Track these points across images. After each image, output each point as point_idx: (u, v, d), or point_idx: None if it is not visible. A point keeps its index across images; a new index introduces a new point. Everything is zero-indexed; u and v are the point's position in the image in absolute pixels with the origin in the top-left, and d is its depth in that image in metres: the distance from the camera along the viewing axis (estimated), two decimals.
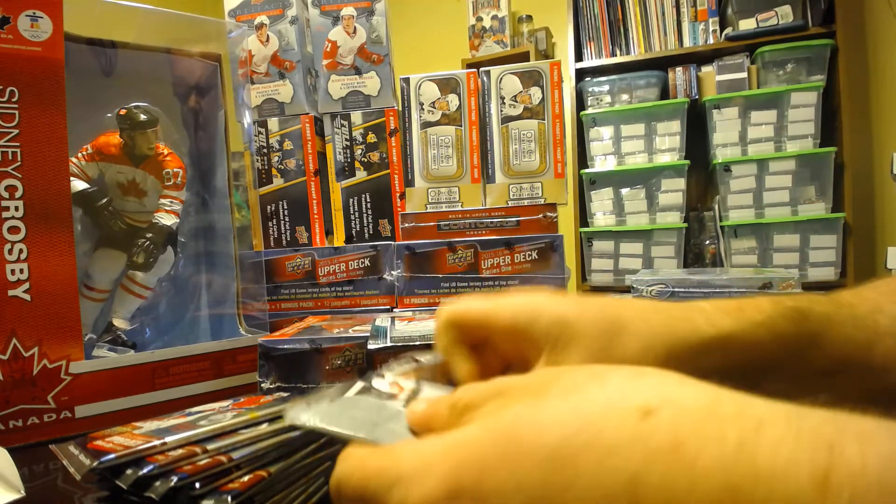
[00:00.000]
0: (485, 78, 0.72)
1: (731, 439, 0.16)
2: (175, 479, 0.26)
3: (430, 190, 0.72)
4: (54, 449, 0.32)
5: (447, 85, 0.72)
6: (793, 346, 0.29)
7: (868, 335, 0.29)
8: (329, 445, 0.34)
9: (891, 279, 0.34)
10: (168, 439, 0.29)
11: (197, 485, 0.26)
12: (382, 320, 0.57)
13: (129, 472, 0.27)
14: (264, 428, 0.31)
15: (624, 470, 0.16)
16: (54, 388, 0.48)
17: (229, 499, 0.26)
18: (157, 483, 0.26)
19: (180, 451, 0.28)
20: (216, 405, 0.36)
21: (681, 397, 0.17)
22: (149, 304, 0.64)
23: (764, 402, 0.17)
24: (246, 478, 0.28)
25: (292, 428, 0.23)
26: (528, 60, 2.48)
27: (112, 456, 0.27)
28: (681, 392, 0.17)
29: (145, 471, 0.26)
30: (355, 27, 0.76)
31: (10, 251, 0.47)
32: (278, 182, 0.76)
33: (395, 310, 0.69)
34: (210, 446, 0.28)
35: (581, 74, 2.28)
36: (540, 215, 0.68)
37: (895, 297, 0.31)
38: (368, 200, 0.76)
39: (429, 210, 0.72)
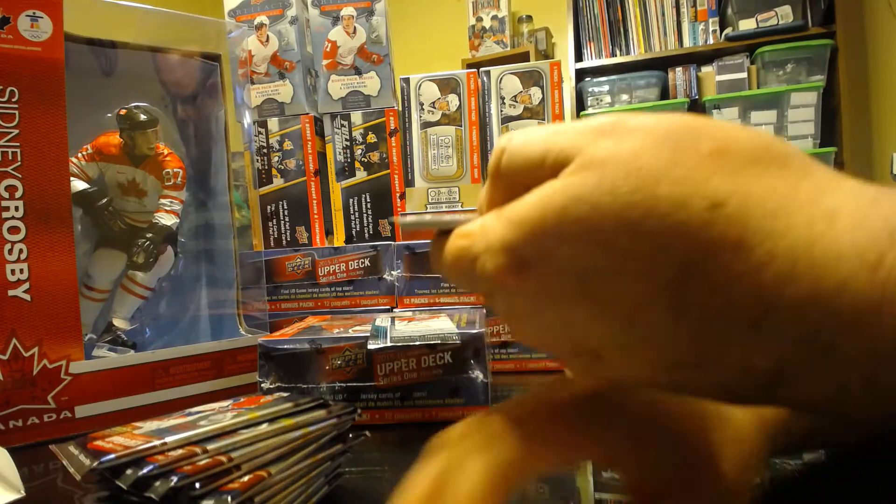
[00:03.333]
0: (485, 78, 0.72)
1: (792, 234, 0.15)
2: (175, 479, 0.26)
3: (430, 190, 0.72)
4: (54, 449, 0.32)
5: (447, 85, 0.72)
6: None
7: None
8: (329, 446, 0.34)
9: None
10: (168, 439, 0.29)
11: (197, 485, 0.26)
12: (382, 320, 0.57)
13: (128, 472, 0.27)
14: (264, 428, 0.31)
15: (679, 258, 0.16)
16: (54, 388, 0.48)
17: (229, 499, 0.26)
18: (157, 483, 0.26)
19: (180, 451, 0.28)
20: (216, 405, 0.36)
21: (754, 189, 0.16)
22: (149, 304, 0.64)
23: (845, 186, 0.17)
24: (246, 478, 0.28)
25: (294, 429, 0.24)
26: (528, 60, 2.49)
27: (112, 456, 0.27)
28: (754, 185, 0.17)
29: (145, 471, 0.26)
30: (355, 27, 0.76)
31: (10, 251, 0.47)
32: (278, 182, 0.76)
33: (395, 310, 0.69)
34: (210, 446, 0.28)
35: (581, 74, 2.28)
36: None
37: None
38: (368, 200, 0.76)
39: (429, 210, 0.72)
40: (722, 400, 0.20)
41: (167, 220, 0.62)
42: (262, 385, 0.51)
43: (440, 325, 0.53)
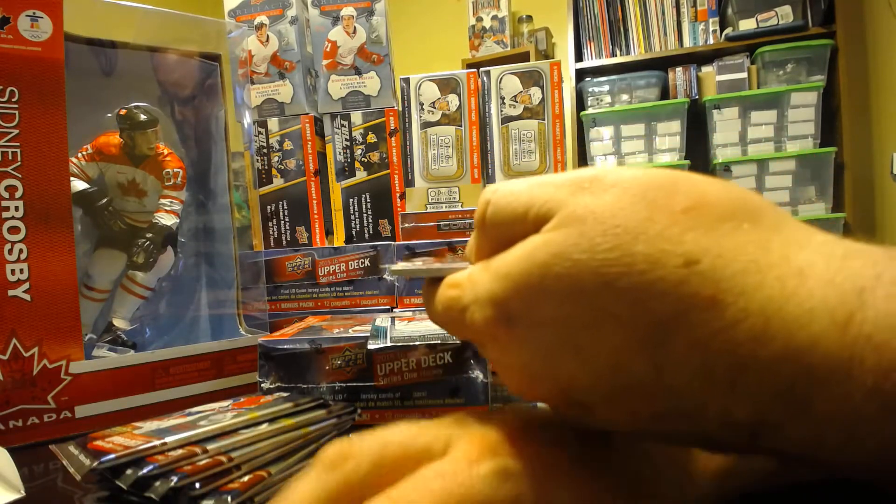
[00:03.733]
0: (485, 78, 0.72)
1: (765, 292, 0.16)
2: (175, 479, 0.26)
3: (430, 190, 0.72)
4: (54, 449, 0.32)
5: (447, 85, 0.72)
6: None
7: None
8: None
9: None
10: (168, 439, 0.29)
11: (197, 485, 0.26)
12: (382, 320, 0.57)
13: (128, 472, 0.27)
14: (264, 428, 0.31)
15: (656, 316, 0.17)
16: (54, 388, 0.48)
17: (229, 499, 0.26)
18: (157, 483, 0.26)
19: (180, 452, 0.28)
20: (216, 405, 0.36)
21: (727, 246, 0.17)
22: (149, 304, 0.64)
23: (816, 241, 0.17)
24: (246, 478, 0.28)
25: (294, 429, 0.24)
26: (528, 60, 2.49)
27: (112, 456, 0.27)
28: (727, 242, 0.17)
29: (145, 471, 0.26)
30: (355, 27, 0.76)
31: (10, 251, 0.47)
32: (278, 182, 0.76)
33: (395, 310, 0.69)
34: (210, 446, 0.28)
35: (581, 74, 2.28)
36: None
37: None
38: (368, 200, 0.76)
39: (429, 210, 0.72)
40: (706, 449, 0.21)
41: (167, 220, 0.62)
42: (262, 385, 0.51)
43: None
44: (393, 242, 0.71)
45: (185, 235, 0.67)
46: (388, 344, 0.50)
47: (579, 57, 2.28)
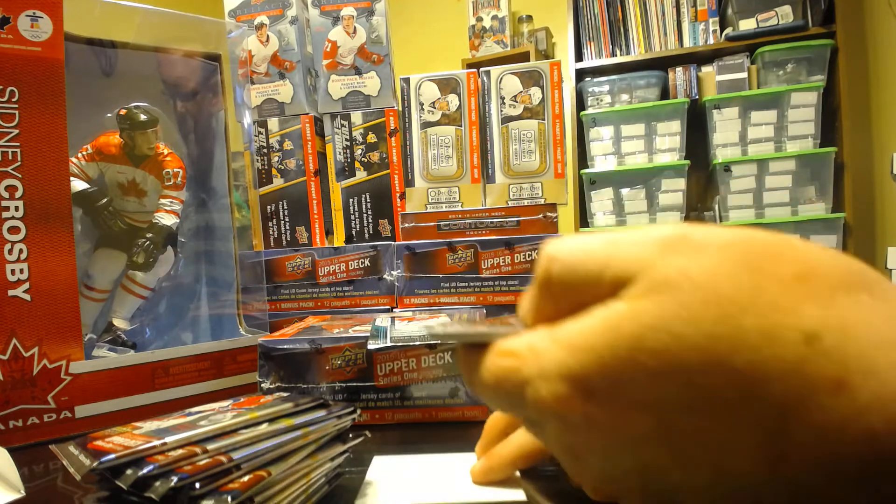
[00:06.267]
0: (485, 78, 0.72)
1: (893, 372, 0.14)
2: (175, 479, 0.26)
3: (430, 190, 0.72)
4: (54, 449, 0.32)
5: (447, 85, 0.72)
6: None
7: None
8: (329, 446, 0.34)
9: None
10: (168, 439, 0.29)
11: (197, 485, 0.26)
12: (382, 320, 0.57)
13: (128, 472, 0.27)
14: (264, 428, 0.31)
15: (774, 401, 0.15)
16: (54, 388, 0.48)
17: (229, 499, 0.26)
18: (157, 483, 0.26)
19: (180, 452, 0.28)
20: (216, 405, 0.36)
21: (849, 319, 0.15)
22: (149, 304, 0.64)
23: None
24: (246, 478, 0.28)
25: (294, 429, 0.23)
26: (528, 60, 2.49)
27: (112, 456, 0.27)
28: (849, 315, 0.15)
29: (145, 471, 0.26)
30: (355, 27, 0.76)
31: (10, 251, 0.47)
32: (278, 182, 0.76)
33: (395, 310, 0.69)
34: (210, 446, 0.28)
35: (581, 74, 2.28)
36: (540, 215, 0.68)
37: None
38: (368, 200, 0.76)
39: (429, 210, 0.72)
40: None
41: (167, 220, 0.62)
42: (262, 385, 0.51)
43: None
44: (393, 242, 0.71)
45: (185, 235, 0.67)
46: (388, 344, 0.50)
47: (579, 57, 2.28)
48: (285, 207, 0.76)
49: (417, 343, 0.50)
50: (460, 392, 0.50)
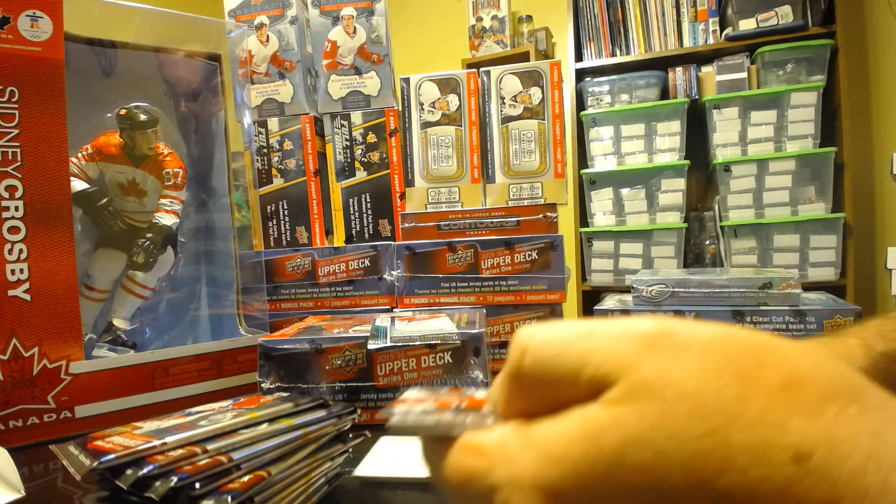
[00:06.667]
0: (485, 78, 0.72)
1: (890, 496, 0.13)
2: (175, 479, 0.26)
3: (430, 190, 0.72)
4: (54, 449, 0.32)
5: (447, 85, 0.72)
6: None
7: None
8: (329, 446, 0.34)
9: None
10: (168, 439, 0.29)
11: (197, 485, 0.26)
12: (382, 320, 0.57)
13: (128, 472, 0.27)
14: (264, 428, 0.31)
15: None
16: (54, 388, 0.48)
17: (229, 499, 0.26)
18: (157, 483, 0.26)
19: (180, 452, 0.28)
20: (216, 405, 0.36)
21: (839, 438, 0.14)
22: (149, 304, 0.64)
23: None
24: (246, 478, 0.28)
25: (294, 429, 0.23)
26: (528, 60, 2.49)
27: (112, 456, 0.27)
28: (837, 430, 0.14)
29: (145, 471, 0.26)
30: (355, 27, 0.76)
31: (10, 251, 0.47)
32: (278, 182, 0.76)
33: (395, 310, 0.69)
34: (210, 446, 0.28)
35: (581, 74, 2.28)
36: (540, 215, 0.68)
37: None
38: (368, 200, 0.76)
39: (429, 210, 0.72)
40: None
41: (167, 220, 0.62)
42: (262, 385, 0.51)
43: (440, 325, 0.53)
44: (393, 242, 0.71)
45: (185, 235, 0.67)
46: (388, 344, 0.50)
47: (579, 57, 2.27)
48: (285, 207, 0.76)
49: (417, 343, 0.50)
50: None
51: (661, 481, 0.15)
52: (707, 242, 2.15)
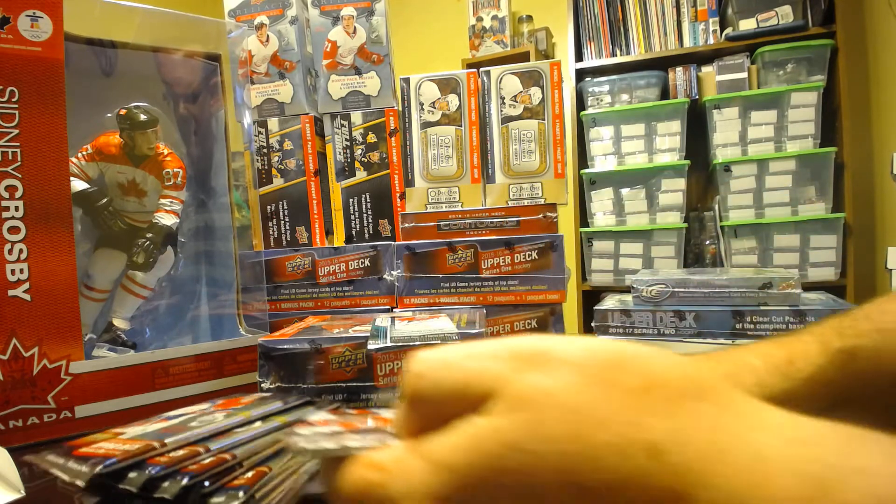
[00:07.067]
0: (485, 78, 0.72)
1: (730, 483, 0.15)
2: (185, 478, 0.26)
3: (430, 190, 0.72)
4: (36, 459, 0.31)
5: (447, 85, 0.72)
6: (843, 394, 0.29)
7: None
8: None
9: None
10: (168, 440, 0.29)
11: (206, 483, 0.26)
12: (382, 320, 0.57)
13: (132, 475, 0.27)
14: (259, 426, 0.31)
15: None
16: (54, 388, 0.48)
17: (241, 494, 0.26)
18: (167, 483, 0.26)
19: (182, 452, 0.28)
20: (196, 408, 0.36)
21: (689, 430, 0.16)
22: (149, 304, 0.64)
23: (773, 422, 0.17)
24: (249, 474, 0.28)
25: (287, 426, 0.23)
26: (528, 60, 2.49)
27: (113, 460, 0.27)
28: (687, 426, 0.16)
29: (154, 472, 0.26)
30: (355, 27, 0.76)
31: (10, 251, 0.47)
32: (278, 182, 0.76)
33: (395, 310, 0.69)
34: (212, 446, 0.29)
35: (581, 74, 2.28)
36: (540, 215, 0.68)
37: None
38: (368, 200, 0.76)
39: (429, 210, 0.72)
40: None
41: (167, 220, 0.62)
42: (262, 385, 0.51)
43: (440, 325, 0.53)
44: (393, 242, 0.71)
45: (185, 235, 0.67)
46: (388, 344, 0.50)
47: (579, 57, 2.27)
48: (285, 207, 0.76)
49: (417, 343, 0.50)
50: None
51: (534, 480, 0.16)
52: (707, 242, 2.15)
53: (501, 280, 0.67)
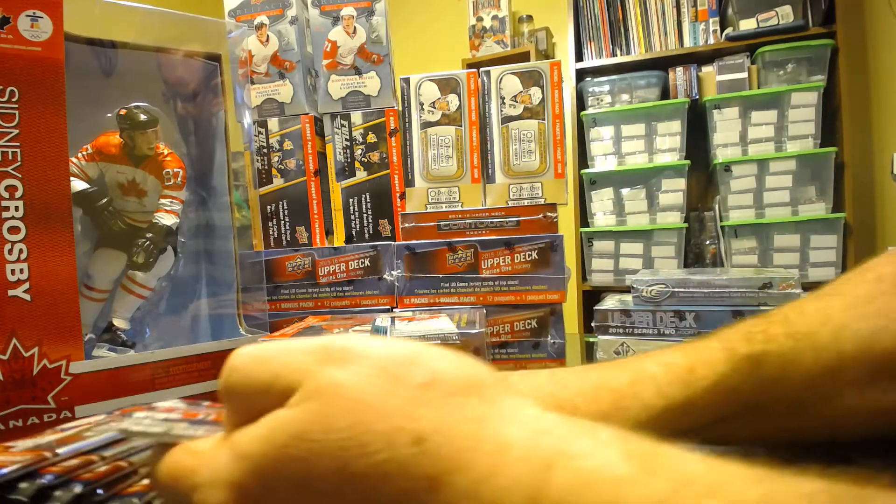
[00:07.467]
0: (485, 78, 0.72)
1: (475, 469, 0.16)
2: (79, 486, 0.26)
3: (430, 190, 0.72)
4: None
5: (447, 85, 0.72)
6: (748, 400, 0.29)
7: (830, 367, 0.28)
8: None
9: (865, 269, 0.32)
10: (60, 451, 0.28)
11: (100, 490, 0.26)
12: (382, 320, 0.57)
13: (23, 485, 0.26)
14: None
15: (389, 498, 0.16)
16: (54, 388, 0.48)
17: (136, 500, 0.26)
18: (59, 492, 0.26)
19: (76, 461, 0.28)
20: (92, 419, 0.36)
21: (450, 424, 0.17)
22: (149, 304, 0.64)
23: (526, 416, 0.18)
24: (146, 481, 0.28)
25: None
26: (529, 60, 2.49)
27: (4, 471, 0.27)
28: (451, 418, 0.17)
29: (45, 481, 0.26)
30: (355, 27, 0.76)
31: (10, 251, 0.47)
32: (278, 182, 0.76)
33: (395, 310, 0.69)
34: (106, 454, 0.28)
35: (581, 74, 2.28)
36: (540, 215, 0.68)
37: (864, 308, 0.29)
38: (368, 200, 0.76)
39: (429, 210, 0.72)
40: None
41: (167, 219, 0.62)
42: None
43: (440, 325, 0.53)
44: (393, 242, 0.71)
45: (185, 235, 0.67)
46: None
47: (579, 57, 2.27)
48: (285, 207, 0.76)
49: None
50: None
51: (313, 469, 0.17)
52: (707, 242, 2.15)
53: (501, 280, 0.67)
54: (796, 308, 0.31)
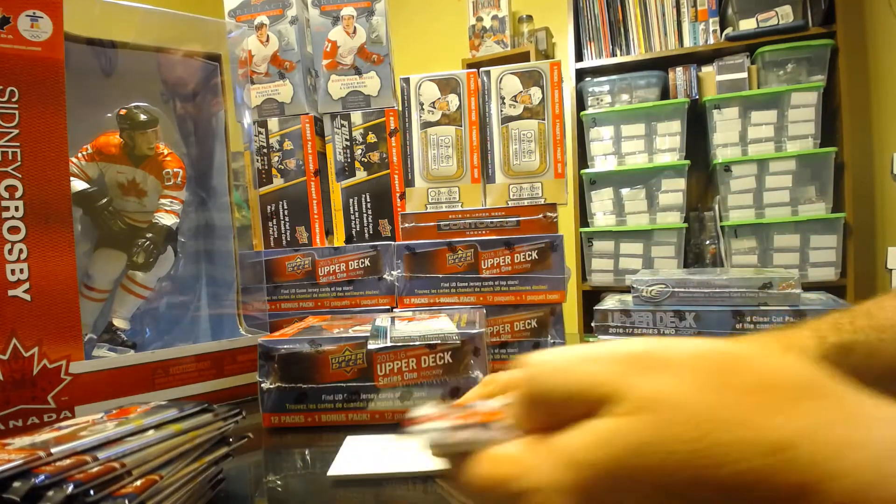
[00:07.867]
0: (485, 78, 0.72)
1: (861, 476, 0.15)
2: (71, 486, 0.26)
3: (430, 190, 0.72)
4: None
5: (447, 85, 0.72)
6: None
7: None
8: (214, 449, 0.34)
9: None
10: (54, 450, 0.28)
11: (91, 492, 0.26)
12: (382, 320, 0.57)
13: (16, 484, 0.26)
14: (151, 434, 0.31)
15: None
16: (54, 388, 0.48)
17: (127, 502, 0.26)
18: (51, 493, 0.26)
19: (69, 461, 0.28)
20: (89, 418, 0.36)
21: (809, 427, 0.17)
22: (149, 304, 0.64)
23: (891, 414, 0.17)
24: (139, 482, 0.28)
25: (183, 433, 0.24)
26: (529, 60, 2.48)
27: None
28: (810, 421, 0.17)
29: (37, 481, 0.26)
30: (355, 27, 0.76)
31: (10, 251, 0.47)
32: (278, 182, 0.76)
33: (395, 310, 0.69)
34: (100, 455, 0.28)
35: (581, 74, 2.27)
36: (540, 215, 0.68)
37: None
38: (368, 200, 0.76)
39: (429, 210, 0.72)
40: None
41: (167, 219, 0.62)
42: (262, 385, 0.51)
43: (440, 325, 0.53)
44: (393, 242, 0.71)
45: (185, 235, 0.67)
46: (388, 344, 0.50)
47: (579, 57, 2.27)
48: (285, 207, 0.76)
49: (417, 343, 0.50)
50: (460, 392, 0.50)
51: (671, 477, 0.17)
52: (707, 242, 2.15)
53: (501, 280, 0.67)
54: (877, 304, 0.33)
